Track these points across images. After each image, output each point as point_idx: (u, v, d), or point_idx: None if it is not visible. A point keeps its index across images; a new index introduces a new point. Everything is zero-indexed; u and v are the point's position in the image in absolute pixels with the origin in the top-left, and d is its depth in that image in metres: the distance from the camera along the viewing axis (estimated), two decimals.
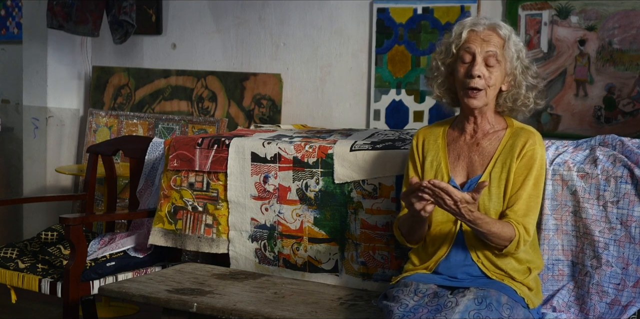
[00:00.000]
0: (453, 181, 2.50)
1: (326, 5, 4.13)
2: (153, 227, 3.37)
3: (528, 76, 2.51)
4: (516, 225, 2.39)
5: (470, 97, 2.44)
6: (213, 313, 2.71)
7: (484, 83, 2.43)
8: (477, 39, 2.43)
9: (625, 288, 2.59)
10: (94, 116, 4.86)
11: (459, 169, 2.52)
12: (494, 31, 2.45)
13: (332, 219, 3.04)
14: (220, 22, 4.48)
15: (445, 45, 2.52)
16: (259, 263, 3.20)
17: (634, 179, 2.59)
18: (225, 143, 3.24)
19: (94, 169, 3.87)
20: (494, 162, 2.48)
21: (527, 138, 2.48)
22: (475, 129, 2.53)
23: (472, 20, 2.49)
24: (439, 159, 2.55)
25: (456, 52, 2.47)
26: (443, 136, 2.59)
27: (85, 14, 4.56)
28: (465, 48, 2.44)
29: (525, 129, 2.52)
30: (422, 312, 2.28)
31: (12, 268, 3.37)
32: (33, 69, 4.98)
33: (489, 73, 2.42)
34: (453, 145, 2.56)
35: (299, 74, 4.23)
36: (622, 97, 3.42)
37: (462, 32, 2.46)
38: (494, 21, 2.48)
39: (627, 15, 3.39)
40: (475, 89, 2.43)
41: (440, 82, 2.56)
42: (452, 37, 2.49)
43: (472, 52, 2.43)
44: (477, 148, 2.52)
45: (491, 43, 2.42)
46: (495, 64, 2.43)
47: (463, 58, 2.45)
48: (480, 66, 2.41)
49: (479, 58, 2.42)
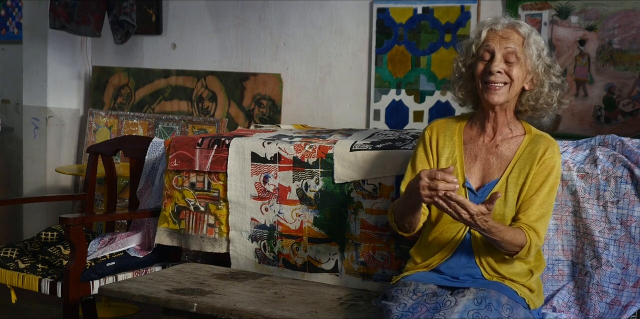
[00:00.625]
0: (468, 183, 2.47)
1: (326, 5, 4.13)
2: (159, 226, 3.37)
3: (551, 75, 2.48)
4: (527, 230, 2.37)
5: (490, 91, 2.41)
6: (213, 313, 2.71)
7: (505, 77, 2.41)
8: (496, 37, 2.42)
9: (625, 288, 2.59)
10: (94, 116, 4.86)
11: (474, 170, 2.49)
12: (513, 29, 2.44)
13: (332, 219, 3.04)
14: (220, 22, 4.48)
15: (465, 46, 2.50)
16: (259, 263, 3.20)
17: (634, 179, 2.59)
18: (225, 143, 3.24)
19: (94, 169, 3.87)
20: (511, 167, 2.46)
21: (547, 146, 2.46)
22: (494, 128, 2.50)
23: (492, 19, 2.48)
24: (454, 158, 2.52)
25: (476, 52, 2.46)
26: (459, 133, 2.56)
27: (87, 14, 4.56)
28: (484, 47, 2.43)
29: (545, 137, 2.50)
30: (421, 311, 2.27)
31: (12, 268, 3.37)
32: (33, 69, 4.98)
33: (508, 68, 2.41)
34: (470, 144, 2.53)
35: (299, 74, 4.24)
36: (622, 97, 3.42)
37: (481, 31, 2.45)
38: (514, 20, 2.47)
39: (627, 15, 3.40)
40: (496, 84, 2.40)
41: (462, 84, 2.53)
42: (472, 38, 2.48)
43: (491, 50, 2.41)
44: (495, 151, 2.49)
45: (510, 40, 2.41)
46: (515, 61, 2.41)
47: (483, 57, 2.43)
48: (499, 62, 2.40)
49: (498, 55, 2.40)
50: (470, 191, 2.47)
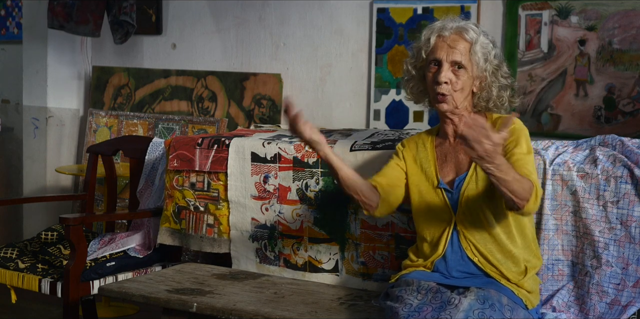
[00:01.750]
0: (442, 183, 2.51)
1: (326, 5, 4.13)
2: (161, 226, 3.38)
3: (499, 77, 2.50)
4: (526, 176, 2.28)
5: (439, 102, 2.47)
6: (213, 313, 2.71)
7: (450, 88, 2.44)
8: (444, 46, 2.44)
9: (625, 288, 2.60)
10: (94, 116, 4.86)
11: (447, 170, 2.54)
12: (460, 35, 2.45)
13: (332, 219, 3.04)
14: (220, 22, 4.48)
15: (415, 49, 2.54)
16: (260, 262, 3.20)
17: (634, 179, 2.59)
18: (225, 143, 3.24)
19: (94, 169, 3.88)
20: None
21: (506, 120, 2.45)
22: (455, 130, 2.54)
23: (440, 24, 2.49)
24: (428, 163, 2.57)
25: (425, 57, 2.49)
26: (431, 141, 2.62)
27: (86, 14, 4.55)
28: (432, 56, 2.46)
29: (502, 117, 2.52)
30: (427, 311, 2.28)
31: (12, 268, 3.38)
32: (33, 69, 4.98)
33: (456, 78, 2.44)
34: (439, 148, 2.59)
35: (299, 74, 4.23)
36: (622, 97, 3.42)
37: (430, 37, 2.47)
38: (461, 24, 2.47)
39: (627, 15, 3.39)
40: (444, 93, 2.44)
41: (414, 85, 2.58)
42: (421, 42, 2.51)
43: (438, 60, 2.45)
44: (461, 147, 2.50)
45: (457, 50, 2.43)
46: (461, 71, 2.44)
47: (430, 65, 2.47)
48: (446, 73, 2.43)
49: (445, 65, 2.43)
50: (446, 191, 2.50)
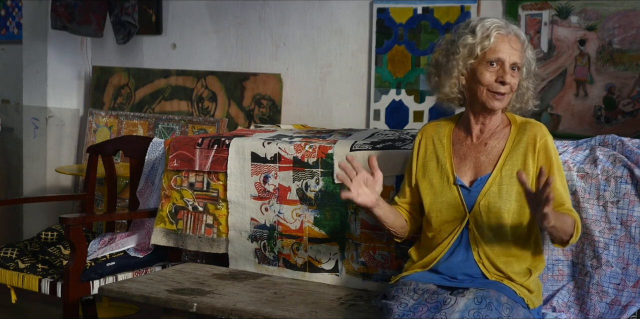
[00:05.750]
0: (459, 180, 2.49)
1: (326, 5, 4.13)
2: (155, 227, 3.37)
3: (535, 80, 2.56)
4: (568, 212, 2.42)
5: (495, 100, 2.45)
6: (213, 313, 2.71)
7: (510, 88, 2.46)
8: (507, 47, 2.42)
9: (625, 288, 2.60)
10: (94, 116, 4.86)
11: (465, 169, 2.52)
12: (517, 37, 2.46)
13: (332, 219, 3.04)
14: (220, 22, 4.48)
15: (468, 46, 2.45)
16: (259, 263, 3.20)
17: (634, 179, 2.59)
18: (225, 143, 3.24)
19: (94, 169, 3.87)
20: (503, 160, 2.47)
21: (536, 132, 2.48)
22: (482, 130, 2.53)
23: (497, 22, 2.46)
24: (444, 159, 2.55)
25: (481, 55, 2.44)
26: (448, 135, 2.59)
27: (89, 15, 4.56)
28: (494, 56, 2.42)
29: (530, 123, 2.52)
30: (422, 311, 2.28)
31: (12, 268, 3.37)
32: (33, 69, 4.98)
33: (514, 80, 2.45)
34: (458, 145, 2.56)
35: (299, 74, 4.24)
36: (622, 97, 3.42)
37: (490, 35, 2.42)
38: (514, 26, 2.49)
39: (627, 15, 3.40)
40: (502, 94, 2.45)
41: (454, 82, 2.51)
42: (476, 39, 2.43)
43: (502, 60, 2.42)
44: (484, 148, 2.51)
45: (517, 52, 2.44)
46: (516, 71, 2.46)
47: (491, 63, 2.43)
48: (510, 74, 2.43)
49: (508, 66, 2.43)
50: (462, 188, 2.49)
